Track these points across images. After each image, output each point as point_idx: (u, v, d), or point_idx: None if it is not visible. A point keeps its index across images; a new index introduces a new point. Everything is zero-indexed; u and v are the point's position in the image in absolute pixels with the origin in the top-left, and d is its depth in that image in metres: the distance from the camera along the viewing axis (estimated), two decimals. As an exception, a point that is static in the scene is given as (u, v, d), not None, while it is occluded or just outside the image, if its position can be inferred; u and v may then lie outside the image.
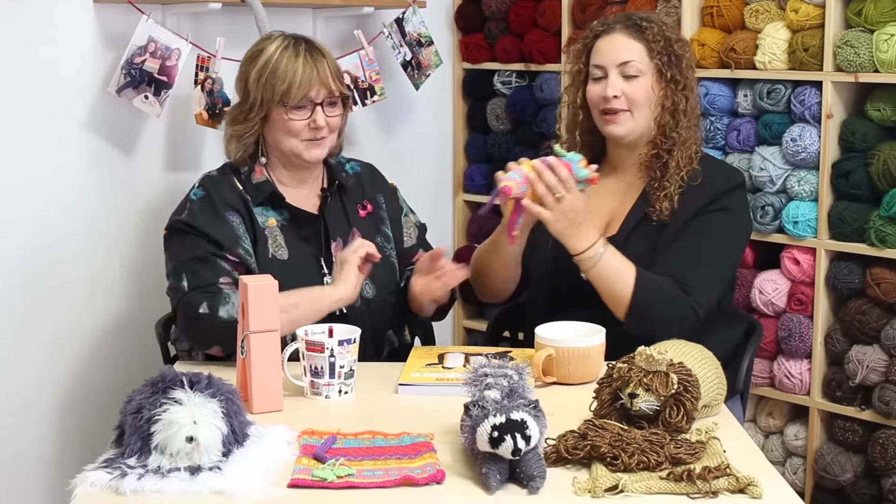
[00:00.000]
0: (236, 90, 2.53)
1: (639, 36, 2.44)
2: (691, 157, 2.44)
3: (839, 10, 3.03)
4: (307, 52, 2.43)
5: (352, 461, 1.77)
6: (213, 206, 2.43)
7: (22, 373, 2.86)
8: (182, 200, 2.49)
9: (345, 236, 2.54)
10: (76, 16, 2.86)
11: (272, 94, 2.41)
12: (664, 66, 2.43)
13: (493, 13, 3.76)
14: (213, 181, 2.49)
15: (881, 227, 2.96)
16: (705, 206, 2.41)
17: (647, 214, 2.44)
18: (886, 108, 2.98)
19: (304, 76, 2.40)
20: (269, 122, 2.46)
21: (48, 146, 2.84)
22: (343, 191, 2.58)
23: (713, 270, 2.41)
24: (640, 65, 2.43)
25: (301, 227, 2.51)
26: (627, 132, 2.46)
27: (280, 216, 2.49)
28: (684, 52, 2.46)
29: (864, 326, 3.02)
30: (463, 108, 3.95)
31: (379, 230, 2.60)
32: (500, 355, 2.26)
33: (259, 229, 2.45)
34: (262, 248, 2.44)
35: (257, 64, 2.44)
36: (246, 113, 2.45)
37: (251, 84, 2.44)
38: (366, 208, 2.61)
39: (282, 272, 2.36)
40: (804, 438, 3.22)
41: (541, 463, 1.70)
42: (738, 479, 1.68)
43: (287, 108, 2.42)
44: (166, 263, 2.46)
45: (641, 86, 2.43)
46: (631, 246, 2.41)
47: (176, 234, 2.43)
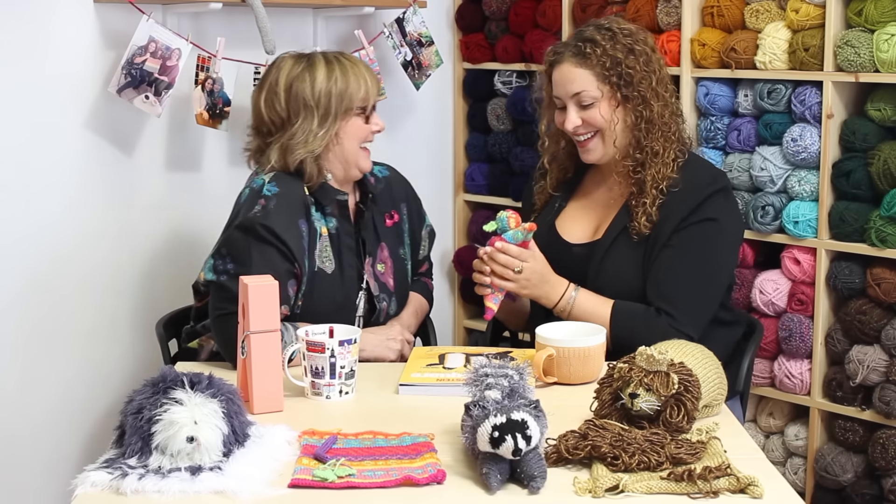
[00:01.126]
0: (280, 115, 2.47)
1: (585, 63, 2.43)
2: (668, 167, 2.43)
3: (839, 9, 3.03)
4: (359, 62, 2.53)
5: (352, 461, 1.77)
6: (289, 207, 2.41)
7: (22, 373, 2.86)
8: (251, 194, 2.44)
9: (374, 252, 2.57)
10: (76, 16, 2.86)
11: (350, 102, 2.46)
12: (615, 88, 2.43)
13: (493, 13, 3.76)
14: (285, 179, 2.45)
15: (882, 227, 2.96)
16: (690, 216, 2.41)
17: (627, 227, 2.45)
18: (887, 108, 2.97)
19: (371, 82, 2.50)
20: (340, 133, 2.47)
21: (48, 146, 2.84)
22: (373, 201, 2.60)
23: (702, 288, 2.42)
24: (592, 92, 2.43)
25: (349, 236, 2.52)
26: (601, 156, 2.49)
27: (329, 224, 2.50)
28: (636, 64, 2.42)
29: (864, 326, 3.02)
30: (463, 107, 3.95)
31: (400, 242, 2.66)
32: (500, 355, 2.26)
33: (314, 238, 2.45)
34: (312, 259, 2.45)
35: (318, 82, 2.44)
36: (316, 130, 2.44)
37: (319, 101, 2.44)
38: (392, 217, 2.64)
39: (326, 283, 2.43)
40: (805, 438, 3.22)
41: (541, 463, 1.71)
42: (738, 479, 1.68)
43: (363, 114, 2.50)
44: (223, 255, 2.38)
45: (598, 111, 2.44)
46: (615, 252, 2.45)
47: (252, 235, 2.36)
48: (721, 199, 2.45)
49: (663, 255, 2.41)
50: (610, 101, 2.44)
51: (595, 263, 2.46)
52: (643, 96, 2.42)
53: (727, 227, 2.46)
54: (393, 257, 2.61)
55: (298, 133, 2.44)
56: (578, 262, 2.48)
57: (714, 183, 2.46)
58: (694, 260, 2.40)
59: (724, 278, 2.50)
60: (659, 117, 2.44)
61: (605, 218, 2.52)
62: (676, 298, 2.38)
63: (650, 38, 2.52)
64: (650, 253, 2.42)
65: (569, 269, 2.45)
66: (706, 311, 2.44)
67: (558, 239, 2.55)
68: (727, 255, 2.49)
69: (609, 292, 2.43)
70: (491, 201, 3.87)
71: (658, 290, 2.40)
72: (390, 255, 2.60)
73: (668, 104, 2.47)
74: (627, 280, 2.43)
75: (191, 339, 2.58)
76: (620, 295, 2.42)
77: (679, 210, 2.41)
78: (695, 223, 2.41)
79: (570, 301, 2.41)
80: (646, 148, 2.43)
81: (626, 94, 2.42)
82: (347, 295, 2.49)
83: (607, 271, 2.45)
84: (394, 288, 2.59)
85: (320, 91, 2.44)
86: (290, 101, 2.46)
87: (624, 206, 2.49)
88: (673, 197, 2.42)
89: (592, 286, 2.44)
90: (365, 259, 2.55)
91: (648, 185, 2.42)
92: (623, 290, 2.42)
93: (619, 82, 2.42)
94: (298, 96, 2.45)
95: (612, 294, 2.42)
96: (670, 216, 2.41)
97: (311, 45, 3.33)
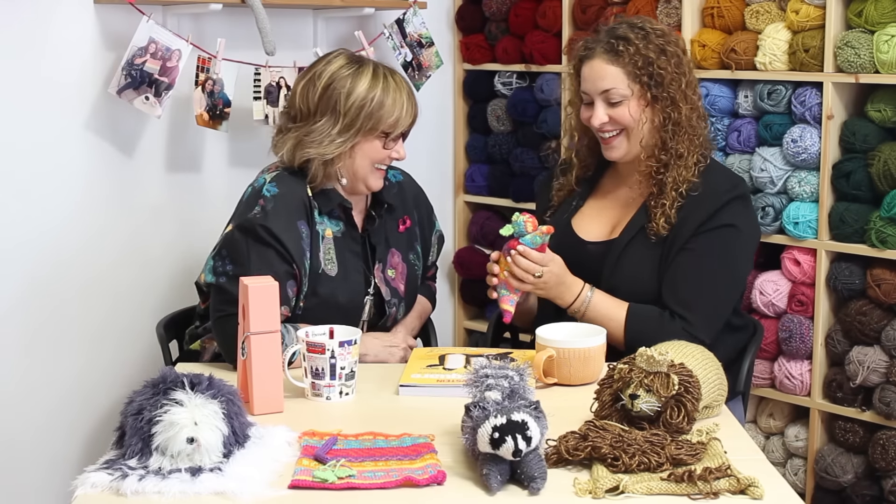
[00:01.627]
0: (310, 105, 2.46)
1: (617, 60, 2.42)
2: (690, 171, 2.43)
3: (840, 10, 3.03)
4: (405, 86, 2.48)
5: (353, 462, 1.77)
6: (288, 208, 2.40)
7: (22, 374, 2.86)
8: (250, 195, 2.44)
9: (384, 258, 2.57)
10: (76, 16, 2.86)
11: (378, 124, 2.43)
12: (645, 88, 2.42)
13: (493, 14, 3.76)
14: (286, 180, 2.45)
15: (882, 228, 2.96)
16: (708, 221, 2.41)
17: (644, 228, 2.45)
18: (887, 109, 2.97)
19: (406, 111, 2.46)
20: (355, 148, 2.45)
21: (49, 147, 2.84)
22: (388, 209, 2.60)
23: (718, 294, 2.43)
24: (622, 90, 2.43)
25: (354, 241, 2.52)
26: (624, 154, 2.49)
27: (335, 227, 2.50)
28: (668, 65, 2.42)
29: (864, 327, 3.02)
30: (463, 108, 3.95)
31: (412, 247, 2.66)
32: (500, 356, 2.27)
33: (316, 240, 2.45)
34: (315, 261, 2.44)
35: (357, 91, 2.42)
36: (334, 136, 2.43)
37: (349, 110, 2.42)
38: (405, 223, 2.64)
39: (329, 286, 2.42)
40: (805, 439, 3.22)
41: (542, 464, 1.71)
42: (738, 480, 1.68)
43: (386, 139, 2.46)
44: (222, 258, 2.38)
45: (627, 110, 2.44)
46: (631, 251, 2.45)
47: (251, 236, 2.36)
48: (740, 206, 2.45)
49: (680, 258, 2.41)
50: (639, 100, 2.43)
51: (610, 262, 2.46)
52: (672, 98, 2.42)
53: (745, 234, 2.46)
54: (405, 262, 2.61)
55: (316, 132, 2.43)
56: (594, 261, 2.48)
57: (733, 189, 2.45)
58: (711, 266, 2.40)
59: (739, 285, 2.51)
60: (686, 120, 2.43)
61: (623, 217, 2.52)
62: (692, 303, 2.38)
63: (681, 41, 2.52)
64: (667, 254, 2.42)
65: (584, 267, 2.45)
66: (720, 316, 2.44)
67: (574, 237, 2.55)
68: (744, 262, 2.49)
69: (623, 292, 2.43)
70: (491, 202, 3.87)
71: (674, 294, 2.40)
72: (402, 260, 2.61)
73: (696, 108, 2.47)
74: (643, 280, 2.43)
75: (193, 341, 2.58)
76: (635, 295, 2.42)
77: (698, 214, 2.41)
78: (714, 229, 2.41)
79: (584, 302, 2.40)
80: (671, 150, 2.43)
81: (656, 94, 2.42)
82: (351, 299, 2.49)
83: (622, 271, 2.45)
84: (404, 293, 2.60)
85: (354, 101, 2.42)
86: (323, 97, 2.44)
87: (643, 206, 2.48)
88: (692, 200, 2.42)
89: (607, 285, 2.44)
90: (374, 265, 2.55)
91: (669, 187, 2.42)
92: (638, 290, 2.42)
93: (651, 82, 2.41)
94: (332, 97, 2.43)
95: (626, 293, 2.42)
96: (689, 219, 2.41)
97: (310, 46, 3.34)
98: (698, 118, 2.47)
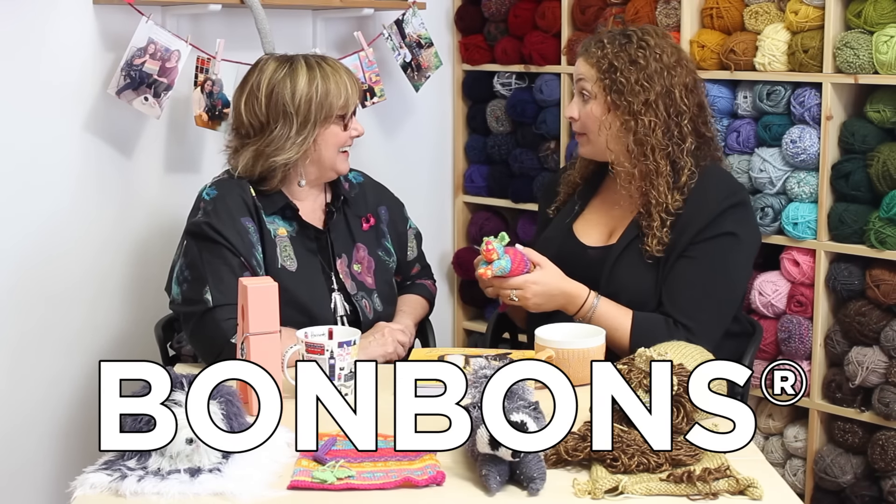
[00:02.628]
0: (259, 118, 2.48)
1: (589, 59, 2.47)
2: (671, 194, 2.41)
3: (839, 11, 3.03)
4: (340, 66, 2.53)
5: (352, 463, 1.77)
6: (228, 208, 2.43)
7: (22, 375, 2.86)
8: (195, 202, 2.49)
9: (349, 252, 2.58)
10: (76, 17, 2.86)
11: (330, 110, 2.47)
12: (606, 91, 2.44)
13: (492, 15, 3.76)
14: (225, 183, 2.49)
15: (881, 229, 2.96)
16: (706, 229, 2.40)
17: (640, 237, 2.45)
18: (886, 110, 2.98)
19: (352, 88, 2.50)
20: (317, 140, 2.49)
21: (48, 148, 2.84)
22: (346, 203, 2.61)
23: (719, 303, 2.43)
24: (589, 87, 2.47)
25: (309, 239, 2.53)
26: (590, 153, 2.53)
27: (290, 227, 2.51)
28: (632, 76, 2.40)
29: (863, 328, 3.02)
30: (463, 109, 3.95)
31: (380, 244, 2.66)
32: (499, 357, 2.26)
33: (269, 238, 2.46)
34: (272, 257, 2.45)
35: (299, 88, 2.45)
36: (294, 137, 2.45)
37: (299, 108, 2.45)
38: (369, 221, 2.65)
39: (290, 282, 2.42)
40: (804, 440, 3.22)
41: (541, 464, 1.71)
42: (738, 481, 1.68)
43: (342, 120, 2.50)
44: (180, 267, 2.43)
45: (592, 108, 2.47)
46: (627, 258, 2.45)
47: (199, 238, 2.41)
48: (739, 213, 2.44)
49: (680, 265, 2.41)
50: (602, 103, 2.46)
51: (608, 268, 2.46)
52: (631, 108, 2.42)
53: (745, 243, 2.45)
54: (371, 256, 2.62)
55: (276, 140, 2.46)
56: (593, 266, 2.48)
57: (731, 196, 2.44)
58: (712, 274, 2.39)
59: (739, 292, 2.51)
60: (649, 134, 2.41)
61: (621, 223, 2.52)
62: (693, 312, 2.38)
63: (682, 58, 2.49)
64: (666, 261, 2.42)
65: (584, 272, 2.45)
66: (721, 324, 2.44)
67: (575, 241, 2.55)
68: (744, 269, 2.49)
69: (623, 297, 2.42)
70: (490, 203, 3.87)
71: (675, 303, 2.39)
72: (368, 254, 2.62)
73: (667, 123, 2.42)
74: (640, 288, 2.42)
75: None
76: (634, 301, 2.41)
77: (697, 221, 2.40)
78: (713, 237, 2.40)
79: (590, 310, 2.40)
80: (640, 160, 2.42)
81: (615, 100, 2.43)
82: (313, 293, 2.48)
83: (620, 277, 2.44)
84: (374, 285, 2.59)
85: (301, 98, 2.45)
86: (270, 106, 2.47)
87: (638, 214, 2.48)
88: (690, 206, 2.41)
89: (606, 290, 2.44)
90: (335, 259, 2.55)
91: (653, 205, 2.42)
92: (636, 297, 2.42)
93: (612, 87, 2.43)
94: (279, 102, 2.46)
95: (626, 299, 2.42)
96: (688, 226, 2.40)
97: (310, 46, 3.34)
98: (666, 134, 2.42)
